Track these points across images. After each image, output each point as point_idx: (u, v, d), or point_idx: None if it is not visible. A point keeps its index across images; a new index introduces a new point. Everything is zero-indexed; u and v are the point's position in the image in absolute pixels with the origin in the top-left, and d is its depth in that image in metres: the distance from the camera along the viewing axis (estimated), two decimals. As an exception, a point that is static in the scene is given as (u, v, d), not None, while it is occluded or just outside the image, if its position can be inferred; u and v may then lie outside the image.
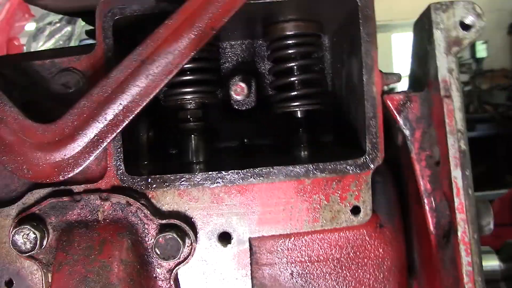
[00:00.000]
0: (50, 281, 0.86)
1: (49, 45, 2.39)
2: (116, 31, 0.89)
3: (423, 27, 0.88)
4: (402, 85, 1.04)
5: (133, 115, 0.81)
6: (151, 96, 0.81)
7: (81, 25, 2.40)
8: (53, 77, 0.90)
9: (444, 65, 0.83)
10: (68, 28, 2.38)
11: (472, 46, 8.24)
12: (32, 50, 2.48)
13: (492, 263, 1.09)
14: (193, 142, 1.04)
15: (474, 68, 7.74)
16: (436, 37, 0.84)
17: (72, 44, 2.36)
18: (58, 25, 2.45)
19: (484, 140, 6.83)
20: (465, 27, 0.84)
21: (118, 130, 0.81)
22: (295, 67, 1.04)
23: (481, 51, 9.20)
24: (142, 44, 0.80)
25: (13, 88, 0.88)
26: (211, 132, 1.14)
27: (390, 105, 0.89)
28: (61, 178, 0.81)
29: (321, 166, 0.88)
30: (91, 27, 1.31)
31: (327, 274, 0.94)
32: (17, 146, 0.81)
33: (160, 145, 1.11)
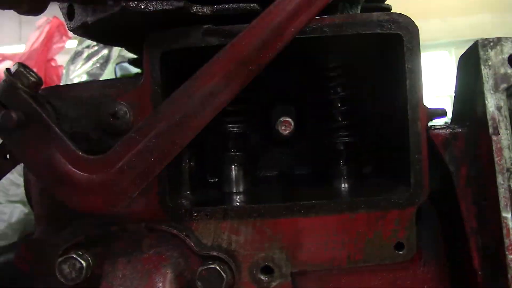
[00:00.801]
0: (94, 311, 0.88)
1: (86, 67, 2.45)
2: (163, 64, 0.91)
3: (470, 63, 0.87)
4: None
5: (180, 149, 0.82)
6: (198, 130, 0.82)
7: (117, 48, 2.45)
8: (101, 109, 0.92)
9: (492, 102, 0.82)
10: (105, 51, 2.44)
11: None
12: (70, 72, 2.54)
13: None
14: (233, 172, 1.05)
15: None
16: (484, 74, 0.83)
17: (110, 66, 2.41)
18: (95, 48, 2.51)
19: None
20: (514, 64, 0.83)
21: (166, 163, 0.82)
22: (336, 98, 1.04)
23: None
24: (190, 79, 0.82)
25: (63, 121, 0.91)
26: (251, 161, 1.15)
27: (436, 141, 0.88)
28: (109, 210, 0.83)
29: (365, 202, 0.88)
30: (133, 56, 1.34)
31: (369, 310, 0.93)
32: (67, 177, 0.82)
33: (200, 174, 1.12)
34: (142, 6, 0.89)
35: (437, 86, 8.00)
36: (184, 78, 0.84)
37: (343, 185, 1.06)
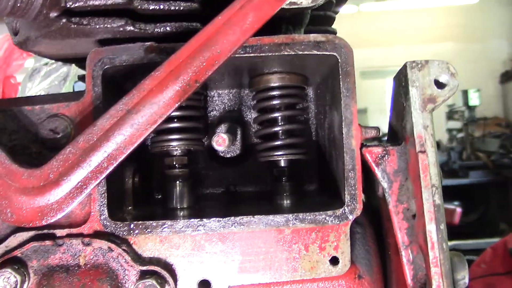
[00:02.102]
0: (27, 325, 0.87)
1: (44, 85, 2.43)
2: (105, 79, 0.92)
3: (400, 83, 0.91)
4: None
5: (117, 163, 0.83)
6: (135, 145, 0.83)
7: (76, 67, 2.44)
8: (42, 123, 0.92)
9: (420, 121, 0.86)
10: (64, 69, 2.43)
11: (465, 94, 8.37)
12: (27, 89, 2.52)
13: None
14: (177, 188, 1.06)
15: (467, 116, 7.84)
16: (412, 94, 0.87)
17: (68, 84, 2.40)
18: (54, 65, 2.50)
19: (477, 187, 6.86)
20: (440, 85, 0.87)
21: (102, 177, 0.82)
22: (279, 117, 1.07)
23: (474, 99, 9.33)
24: (128, 94, 0.83)
25: (2, 133, 0.91)
26: (196, 179, 1.16)
27: (369, 158, 0.91)
28: (43, 222, 0.82)
29: (300, 216, 0.90)
30: (84, 72, 1.35)
31: (305, 324, 0.94)
32: (2, 189, 0.82)
33: (145, 189, 1.12)
34: (85, 23, 0.91)
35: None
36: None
37: (285, 201, 1.08)
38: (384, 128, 1.12)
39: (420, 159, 0.84)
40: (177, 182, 1.06)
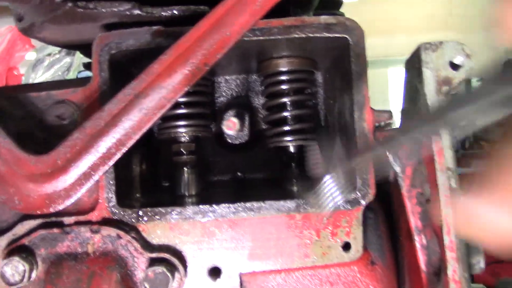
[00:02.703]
0: (37, 314, 0.86)
1: (48, 75, 2.42)
2: (112, 65, 0.90)
3: (414, 66, 0.89)
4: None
5: (126, 149, 0.81)
6: (144, 130, 0.82)
7: (79, 57, 2.43)
8: (48, 109, 0.91)
9: (435, 104, 0.84)
10: (67, 59, 2.41)
11: (468, 83, 8.34)
12: (31, 80, 2.50)
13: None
14: (185, 175, 1.05)
15: (470, 105, 7.80)
16: (426, 76, 0.85)
17: (71, 74, 2.38)
18: (57, 56, 2.48)
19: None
20: (455, 67, 0.85)
21: (110, 163, 0.81)
22: (288, 102, 1.05)
23: (477, 87, 9.28)
24: (136, 79, 0.81)
25: (8, 119, 0.89)
26: (204, 165, 1.15)
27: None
28: (51, 210, 0.81)
29: (312, 201, 0.89)
30: (89, 60, 1.33)
31: (317, 311, 0.93)
32: (9, 177, 0.81)
33: (153, 177, 1.11)
34: (91, 7, 0.89)
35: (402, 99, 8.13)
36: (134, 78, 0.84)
37: (294, 187, 1.06)
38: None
39: (435, 142, 0.82)
40: (185, 168, 1.05)
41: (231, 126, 0.91)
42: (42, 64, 2.45)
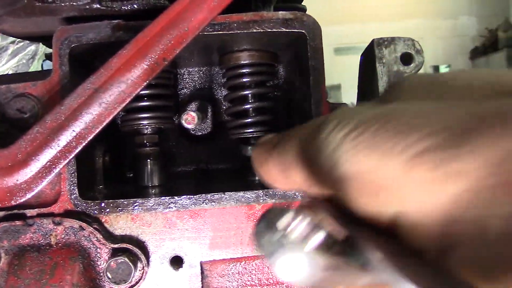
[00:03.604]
0: (0, 305, 0.87)
1: (12, 63, 2.38)
2: (72, 58, 0.91)
3: (368, 60, 0.93)
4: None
5: (86, 142, 0.83)
6: (104, 124, 0.83)
7: (44, 45, 2.40)
8: (9, 102, 0.91)
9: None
10: (32, 47, 2.38)
11: (436, 70, 8.48)
12: (-5, 68, 2.47)
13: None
14: (148, 166, 1.06)
15: (438, 91, 7.96)
16: (379, 71, 0.88)
17: (36, 63, 2.35)
18: (21, 44, 2.44)
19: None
20: (406, 62, 0.89)
21: (71, 157, 0.82)
22: (249, 95, 1.07)
23: (445, 74, 9.44)
24: (96, 73, 0.82)
25: (-33, 113, 0.90)
26: (167, 156, 1.17)
27: (337, 134, 0.93)
28: (13, 203, 0.82)
29: (271, 192, 0.91)
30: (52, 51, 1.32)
31: (277, 297, 0.96)
32: (-31, 171, 0.81)
33: (117, 168, 1.12)
34: (50, 1, 0.89)
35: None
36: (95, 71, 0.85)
37: (256, 178, 1.09)
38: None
39: (386, 134, 0.86)
40: (148, 160, 1.06)
41: (190, 120, 0.93)
42: (6, 52, 2.42)
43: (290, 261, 0.35)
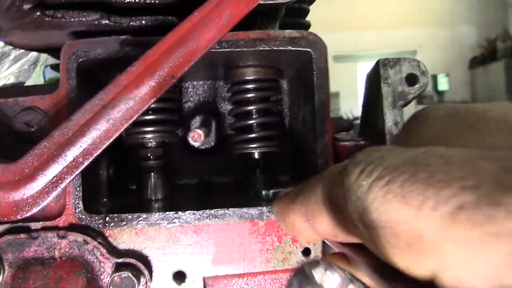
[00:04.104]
0: (3, 318, 0.87)
1: (14, 69, 2.38)
2: (80, 72, 0.92)
3: (372, 80, 0.94)
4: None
5: (93, 158, 0.83)
6: (111, 140, 0.84)
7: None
8: (16, 116, 0.92)
9: (390, 118, 0.89)
10: (34, 54, 2.39)
11: (435, 79, 8.54)
12: (-4, 73, 2.47)
13: None
14: (152, 180, 1.07)
15: (436, 100, 8.01)
16: (384, 91, 0.89)
17: (38, 69, 2.36)
18: (23, 50, 2.45)
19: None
20: (410, 82, 0.90)
21: (77, 172, 0.83)
22: (253, 110, 1.08)
23: (443, 84, 9.51)
24: (104, 89, 0.83)
25: (-26, 126, 0.90)
26: (171, 169, 1.17)
27: (341, 152, 0.94)
28: (19, 217, 0.83)
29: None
30: (57, 61, 1.33)
31: (278, 313, 0.97)
32: (-24, 184, 0.82)
33: (121, 180, 1.13)
34: (59, 16, 0.90)
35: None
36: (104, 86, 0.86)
37: (260, 193, 1.09)
38: (355, 111, 1.15)
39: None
40: (152, 173, 1.07)
41: (197, 138, 0.94)
42: (8, 57, 2.42)
43: None
